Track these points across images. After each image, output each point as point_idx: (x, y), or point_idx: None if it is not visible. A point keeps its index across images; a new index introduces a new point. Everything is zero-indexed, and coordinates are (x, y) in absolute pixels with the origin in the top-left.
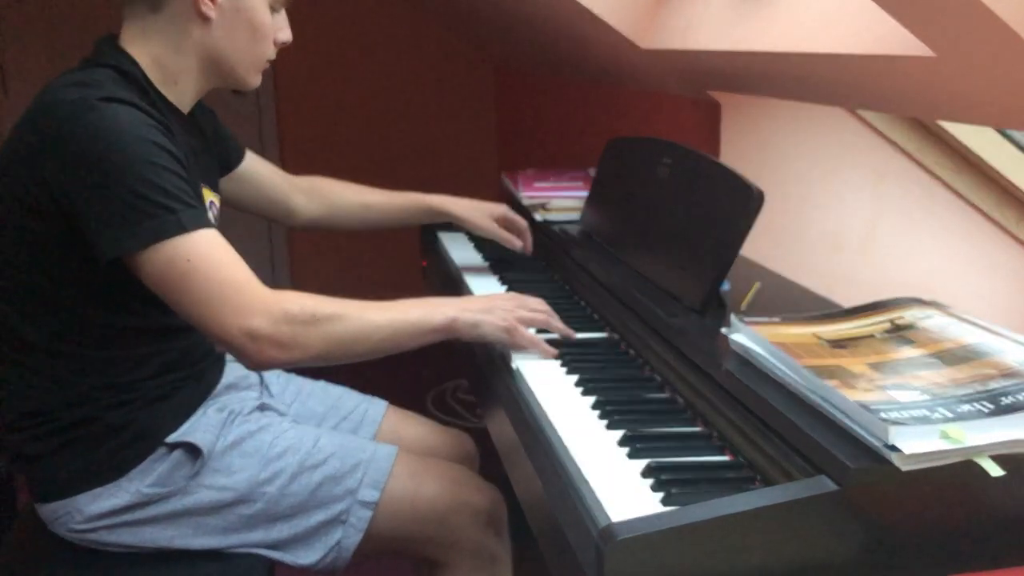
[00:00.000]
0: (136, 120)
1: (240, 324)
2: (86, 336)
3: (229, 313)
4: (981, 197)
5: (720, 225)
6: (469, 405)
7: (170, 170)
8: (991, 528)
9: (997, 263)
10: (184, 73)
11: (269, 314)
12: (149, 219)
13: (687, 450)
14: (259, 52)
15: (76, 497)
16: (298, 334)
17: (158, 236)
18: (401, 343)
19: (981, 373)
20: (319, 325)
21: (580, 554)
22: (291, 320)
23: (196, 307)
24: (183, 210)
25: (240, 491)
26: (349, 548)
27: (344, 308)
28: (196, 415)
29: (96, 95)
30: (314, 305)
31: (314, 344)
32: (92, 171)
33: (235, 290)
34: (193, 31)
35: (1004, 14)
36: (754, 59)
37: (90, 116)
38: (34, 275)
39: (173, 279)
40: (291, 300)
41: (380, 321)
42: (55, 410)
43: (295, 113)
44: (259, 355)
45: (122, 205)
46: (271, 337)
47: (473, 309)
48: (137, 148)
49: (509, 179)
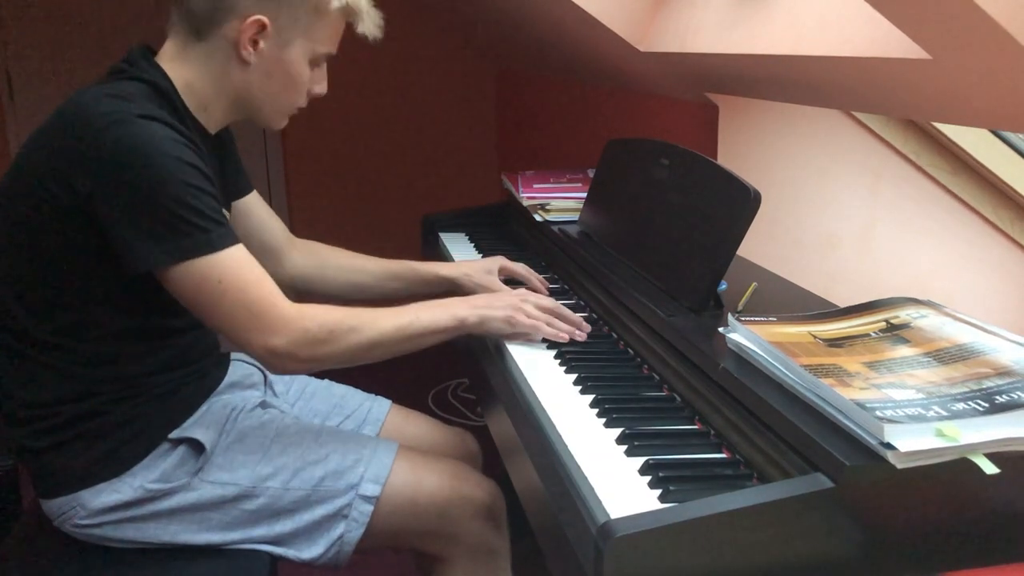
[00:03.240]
0: (170, 138)
1: (263, 343)
2: (90, 333)
3: (253, 331)
4: (976, 198)
5: (718, 225)
6: (470, 403)
7: (203, 190)
8: (986, 525)
9: (992, 263)
10: (215, 103)
11: (289, 334)
12: (183, 237)
13: (684, 448)
14: (290, 100)
15: (80, 492)
16: (316, 349)
17: (190, 254)
18: (413, 346)
19: (976, 372)
20: (335, 340)
21: (579, 551)
22: (310, 338)
23: (223, 322)
24: (215, 229)
25: (243, 486)
26: (351, 542)
27: (359, 320)
28: (199, 411)
29: (133, 111)
30: (332, 321)
31: (331, 357)
32: (127, 186)
33: (260, 311)
34: (231, 69)
35: (999, 17)
36: (752, 62)
37: (127, 131)
38: (43, 273)
39: (203, 296)
40: (310, 318)
41: (392, 328)
42: (59, 404)
43: (297, 114)
44: (280, 368)
45: (156, 222)
46: (291, 354)
47: (480, 306)
48: (172, 167)
49: (509, 180)
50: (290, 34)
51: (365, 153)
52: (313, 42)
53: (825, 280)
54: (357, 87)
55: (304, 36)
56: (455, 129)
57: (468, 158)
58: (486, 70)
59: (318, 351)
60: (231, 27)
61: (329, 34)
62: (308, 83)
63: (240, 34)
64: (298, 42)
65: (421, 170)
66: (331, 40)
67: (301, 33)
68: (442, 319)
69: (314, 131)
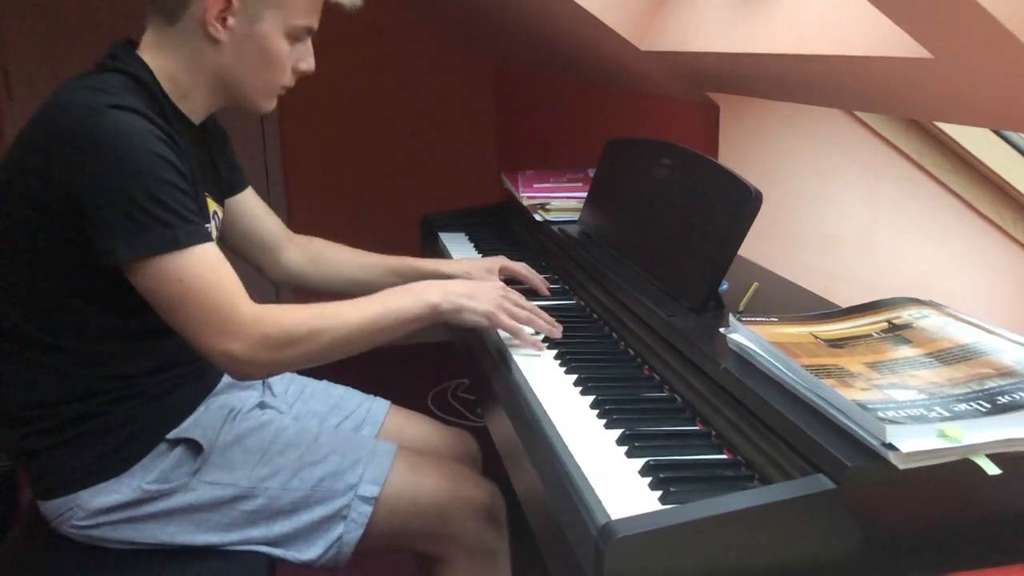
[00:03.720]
0: (143, 130)
1: (221, 347)
2: (86, 332)
3: (210, 335)
4: (978, 197)
5: (719, 225)
6: (470, 404)
7: (172, 184)
8: (988, 526)
9: (994, 263)
10: (195, 89)
11: (248, 339)
12: (146, 232)
13: (685, 449)
14: (271, 79)
15: (78, 493)
16: (277, 354)
17: (153, 250)
18: (385, 336)
19: (978, 372)
20: (296, 345)
21: (579, 552)
22: (269, 344)
23: (180, 324)
24: (181, 226)
25: (241, 487)
26: (350, 543)
27: (323, 320)
28: (197, 412)
29: (107, 101)
30: (292, 324)
31: (292, 361)
32: (96, 178)
33: (218, 315)
34: (204, 51)
35: (1001, 16)
36: (752, 61)
37: (99, 121)
38: (36, 271)
39: (162, 294)
40: (270, 322)
41: (359, 321)
42: (56, 405)
43: (296, 113)
44: (240, 373)
45: (122, 215)
46: (251, 359)
47: (457, 293)
48: (142, 159)
49: (509, 179)
50: (258, 8)
51: (365, 153)
52: (286, 14)
53: (826, 280)
54: (357, 87)
55: (275, 8)
56: (455, 129)
57: (468, 158)
58: (486, 70)
59: (279, 355)
60: (198, 6)
61: (302, 5)
62: (290, 59)
63: (206, 12)
64: (268, 15)
65: (421, 170)
66: (306, 12)
67: (271, 5)
68: (413, 307)
69: (313, 131)
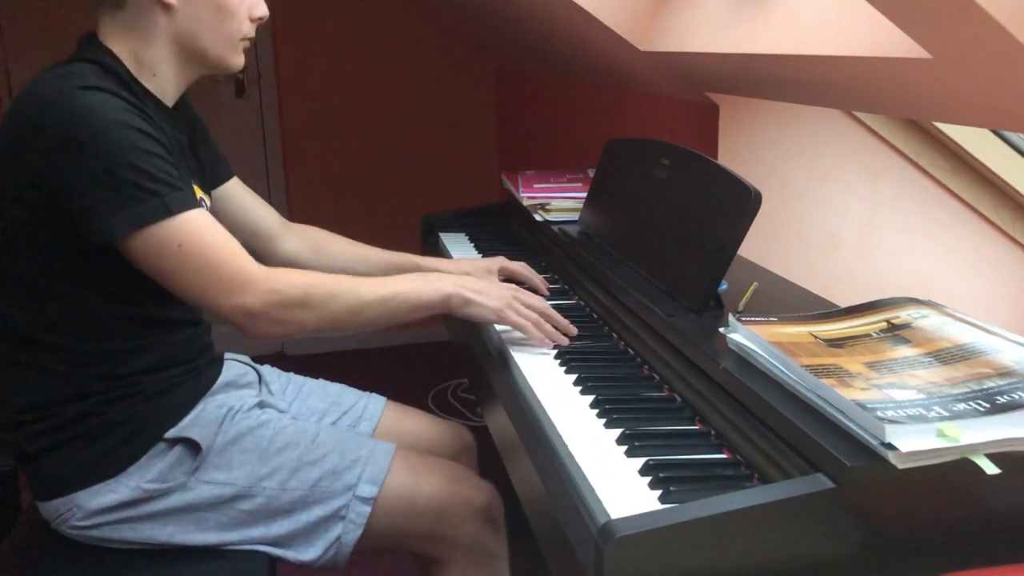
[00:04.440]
0: (116, 106)
1: (235, 303)
2: (81, 328)
3: (222, 293)
4: (977, 197)
5: (718, 225)
6: (470, 404)
7: (153, 153)
8: (987, 526)
9: (993, 263)
10: (160, 63)
11: (259, 292)
12: (135, 203)
13: (685, 448)
14: (230, 31)
15: (76, 494)
16: (291, 313)
17: (146, 221)
18: (395, 318)
19: (977, 372)
20: (312, 305)
21: (579, 552)
22: (282, 299)
23: (190, 289)
24: (169, 193)
25: (240, 486)
26: (349, 544)
27: (337, 286)
28: (195, 411)
29: (75, 84)
30: (306, 284)
31: (307, 321)
32: (75, 157)
33: (227, 271)
34: (159, 20)
35: (999, 16)
36: (752, 61)
37: (70, 103)
38: (27, 266)
39: (165, 262)
40: (280, 279)
41: (372, 298)
42: (53, 406)
43: (297, 114)
44: (255, 330)
45: (107, 190)
46: (266, 314)
47: (469, 287)
48: (118, 133)
49: (509, 180)
50: None
51: (365, 153)
52: None
53: (826, 280)
54: (357, 87)
55: None
56: (455, 129)
57: (468, 158)
58: (486, 70)
59: (294, 315)
60: None
61: None
62: (242, 8)
63: None
64: None
65: (421, 170)
66: None
67: None
68: (426, 294)
69: (314, 132)
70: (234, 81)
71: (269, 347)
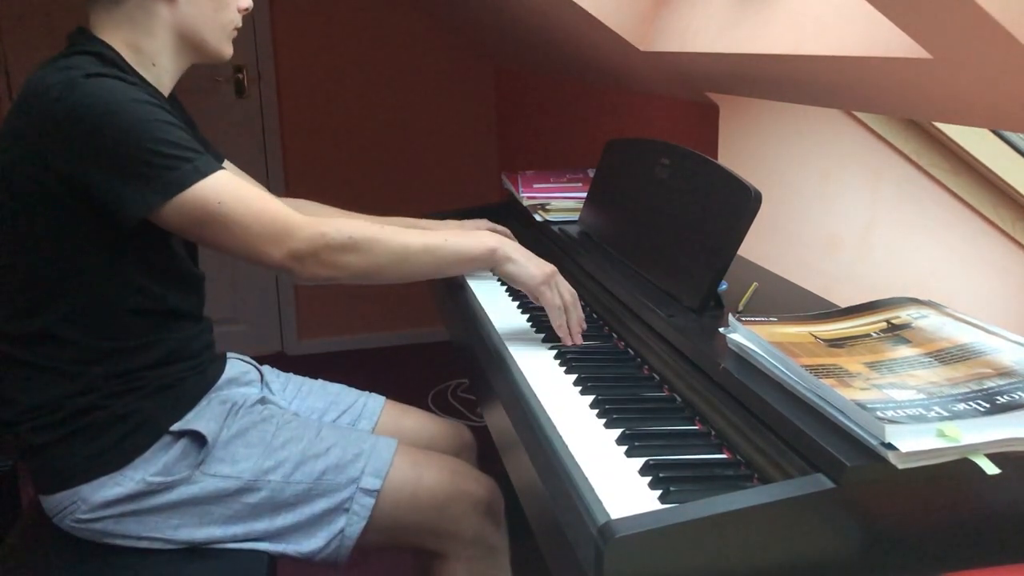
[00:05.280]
0: (124, 87)
1: (284, 249)
2: (89, 324)
3: (270, 241)
4: (977, 198)
5: (718, 225)
6: (470, 404)
7: (171, 123)
8: (987, 526)
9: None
10: (159, 54)
11: (307, 238)
12: (168, 171)
13: (685, 448)
14: (225, 21)
15: (81, 487)
16: (339, 256)
17: (181, 186)
18: (439, 268)
19: (977, 372)
20: (359, 249)
21: (579, 551)
22: (329, 242)
23: (237, 242)
24: (197, 157)
25: (244, 480)
26: (352, 537)
27: (381, 232)
28: (200, 405)
29: (80, 74)
30: (351, 229)
31: (354, 265)
32: (97, 141)
33: (271, 219)
34: (161, 12)
35: (999, 16)
36: (752, 61)
37: (79, 92)
38: (39, 263)
39: (209, 223)
40: (327, 224)
41: (416, 246)
42: (59, 402)
43: (297, 113)
44: (304, 273)
45: (138, 164)
46: (315, 256)
47: (513, 247)
48: (134, 109)
49: (509, 179)
50: None
51: (365, 153)
52: None
53: (826, 280)
54: (358, 87)
55: None
56: (455, 129)
57: (468, 158)
58: (486, 70)
59: (341, 258)
60: None
61: None
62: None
63: None
64: None
65: (421, 170)
66: None
67: None
68: (471, 246)
69: (314, 132)
70: (234, 81)
71: (269, 347)
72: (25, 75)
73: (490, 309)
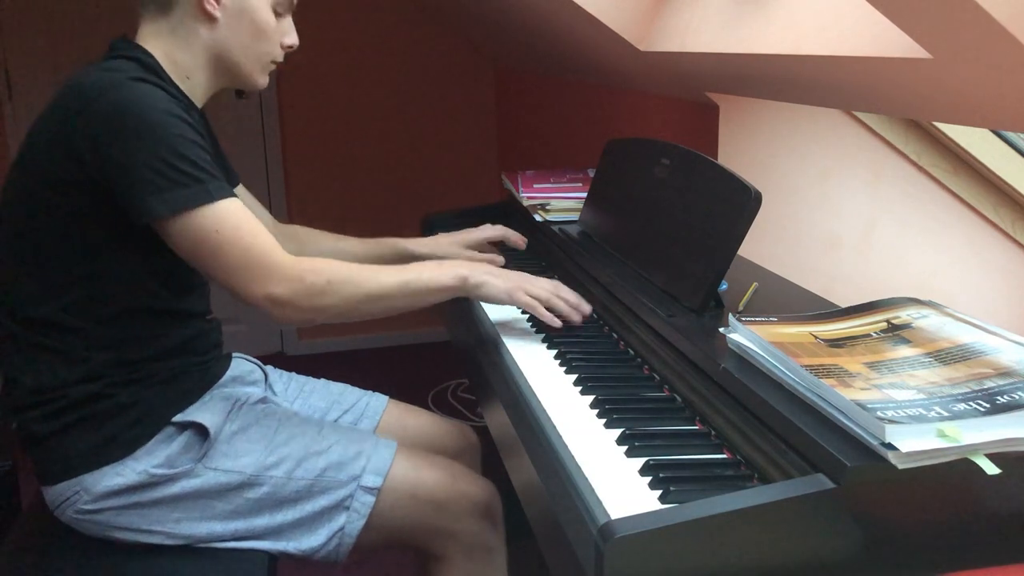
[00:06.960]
0: (163, 97)
1: (264, 291)
2: (99, 313)
3: (253, 281)
4: (977, 198)
5: (718, 225)
6: (470, 404)
7: (196, 143)
8: (987, 526)
9: (993, 263)
10: (195, 70)
11: (289, 282)
12: (179, 187)
13: (685, 448)
14: (263, 52)
15: (83, 476)
16: (317, 300)
17: (187, 205)
18: (414, 301)
19: (977, 372)
20: (335, 291)
21: (579, 551)
22: (309, 286)
23: (224, 273)
24: (210, 181)
25: (247, 475)
26: (352, 534)
27: (360, 273)
28: (203, 399)
29: (124, 77)
30: (330, 272)
31: (331, 306)
32: (126, 140)
33: (258, 260)
34: (201, 30)
35: (1000, 16)
36: (752, 61)
37: (120, 91)
38: (57, 251)
39: (202, 246)
40: (309, 268)
41: (392, 283)
42: (63, 387)
43: (297, 114)
44: (283, 316)
45: (154, 173)
46: (292, 302)
47: (483, 270)
48: (166, 120)
49: (509, 179)
50: None
51: (365, 153)
52: None
53: (826, 280)
54: (358, 87)
55: None
56: (455, 129)
57: (468, 158)
58: (486, 70)
59: (319, 301)
60: None
61: None
62: (277, 34)
63: None
64: None
65: (421, 170)
66: None
67: None
68: (444, 277)
69: (314, 132)
70: None
71: (269, 347)
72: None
73: (490, 309)
